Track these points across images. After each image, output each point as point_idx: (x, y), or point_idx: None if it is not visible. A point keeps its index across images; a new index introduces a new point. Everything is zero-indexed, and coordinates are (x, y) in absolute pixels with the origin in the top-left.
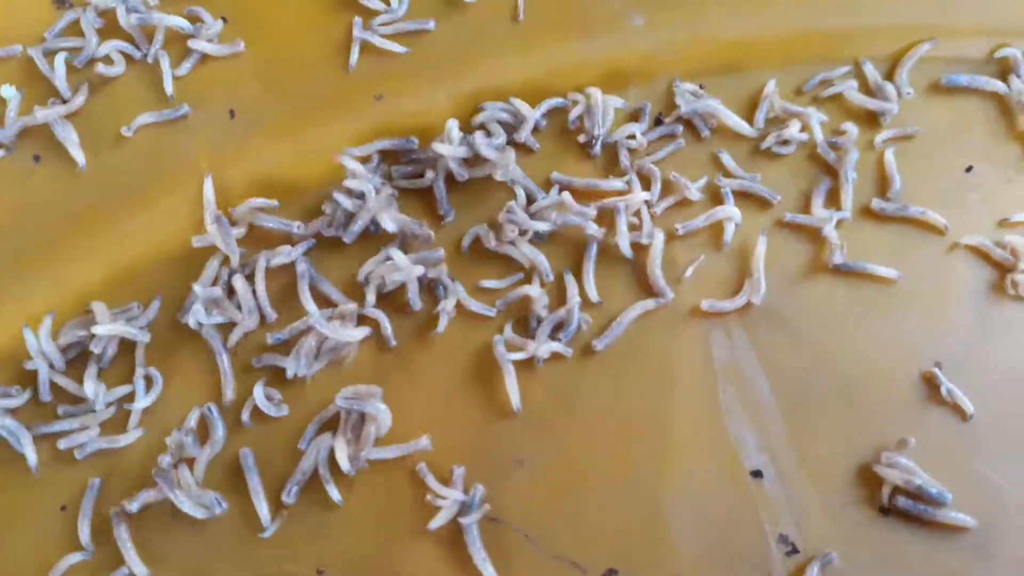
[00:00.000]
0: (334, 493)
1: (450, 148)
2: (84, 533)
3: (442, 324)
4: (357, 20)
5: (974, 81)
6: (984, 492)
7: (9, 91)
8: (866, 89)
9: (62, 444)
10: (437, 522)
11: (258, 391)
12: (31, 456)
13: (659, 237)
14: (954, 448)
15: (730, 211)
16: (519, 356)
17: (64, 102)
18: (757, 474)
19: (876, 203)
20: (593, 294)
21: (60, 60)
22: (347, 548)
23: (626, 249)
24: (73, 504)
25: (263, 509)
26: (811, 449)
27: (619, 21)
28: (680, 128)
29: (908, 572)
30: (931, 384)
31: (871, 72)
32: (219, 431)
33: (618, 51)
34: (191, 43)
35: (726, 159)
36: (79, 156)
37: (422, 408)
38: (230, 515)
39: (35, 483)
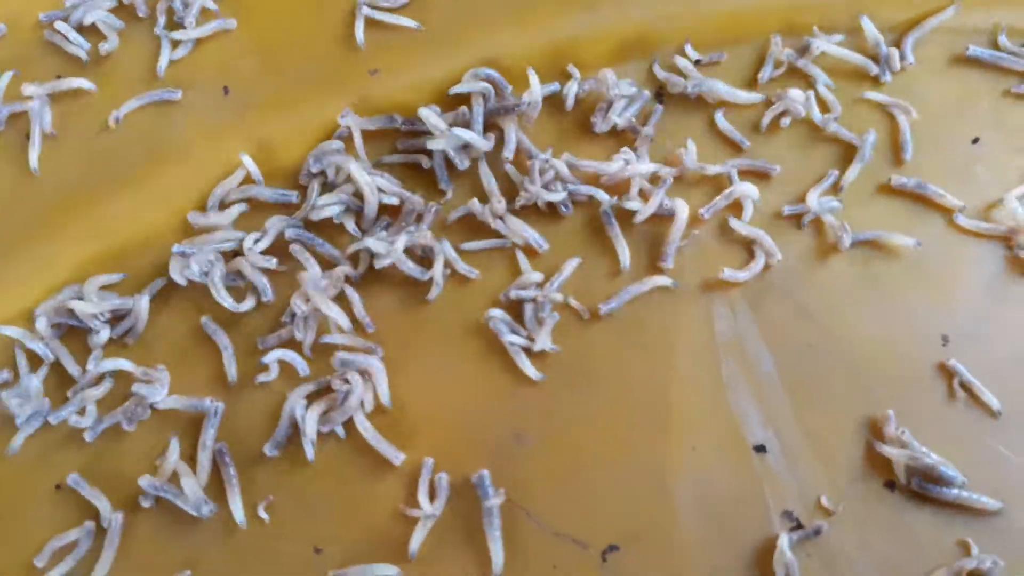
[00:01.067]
0: (310, 452)
1: (442, 142)
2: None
3: (433, 292)
4: None
5: (999, 59)
6: (993, 466)
7: None
8: (864, 51)
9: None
10: (415, 542)
11: (289, 355)
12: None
13: (683, 210)
14: (962, 422)
15: (747, 189)
16: (518, 340)
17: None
18: (761, 449)
19: (895, 179)
20: (626, 260)
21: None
22: (343, 527)
23: (644, 211)
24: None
25: (238, 509)
26: (816, 424)
27: None
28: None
29: (915, 546)
30: (943, 369)
31: (870, 31)
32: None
33: (618, 23)
34: (184, 32)
35: (722, 123)
36: (34, 155)
37: (418, 383)
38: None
39: (28, 462)
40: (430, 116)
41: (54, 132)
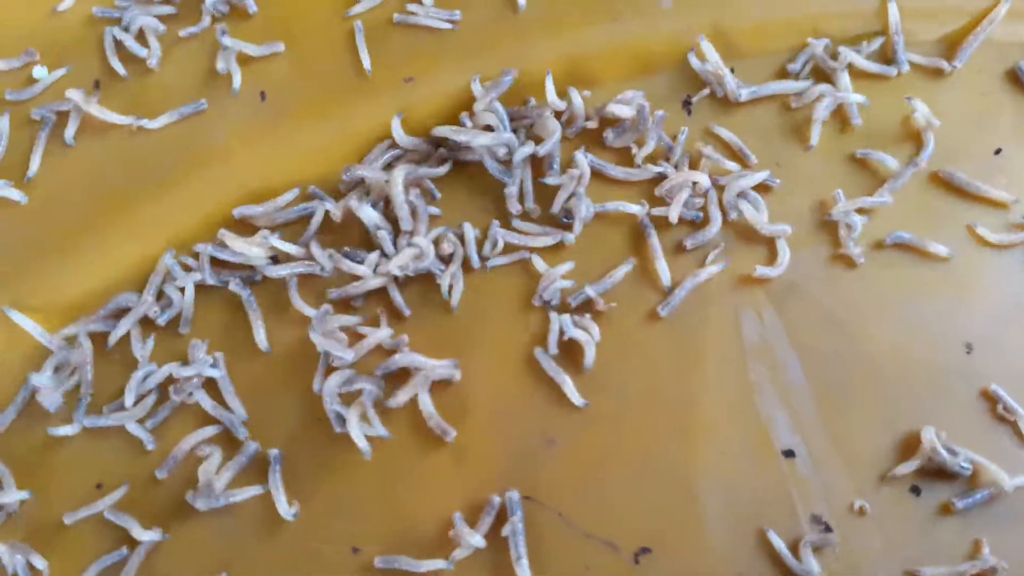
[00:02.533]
0: (363, 443)
1: (497, 169)
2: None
3: (455, 295)
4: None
5: None
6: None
7: (41, 72)
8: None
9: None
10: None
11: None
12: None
13: (717, 219)
14: (984, 423)
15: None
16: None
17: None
18: (789, 454)
19: (944, 171)
20: (666, 277)
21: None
22: (380, 527)
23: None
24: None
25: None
26: (843, 430)
27: (648, 4)
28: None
29: (941, 551)
30: (986, 395)
31: (898, 41)
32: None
33: (646, 34)
34: (226, 40)
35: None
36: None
37: (451, 387)
38: (263, 497)
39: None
40: (471, 135)
41: (72, 143)
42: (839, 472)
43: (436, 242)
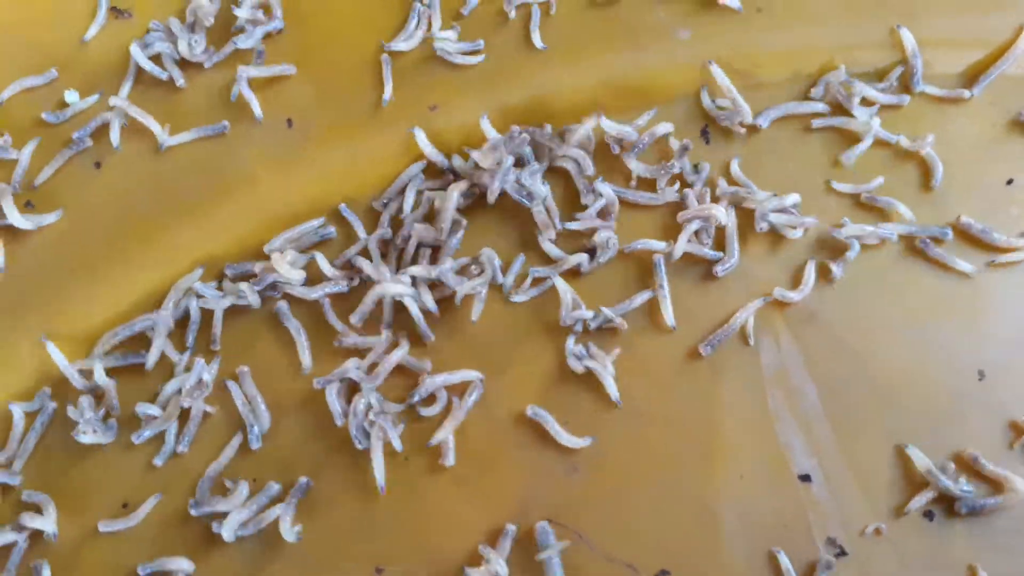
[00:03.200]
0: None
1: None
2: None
3: (476, 310)
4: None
5: None
6: None
7: (73, 96)
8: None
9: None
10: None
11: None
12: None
13: (735, 254)
14: (997, 449)
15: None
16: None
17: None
18: (806, 478)
19: (964, 220)
20: (670, 318)
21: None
22: (404, 547)
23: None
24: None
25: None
26: (858, 454)
27: (666, 34)
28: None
29: (958, 572)
30: (1015, 427)
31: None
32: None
33: (665, 64)
34: (240, 70)
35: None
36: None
37: (474, 410)
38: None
39: (102, 479)
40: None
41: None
42: (854, 496)
43: (461, 271)
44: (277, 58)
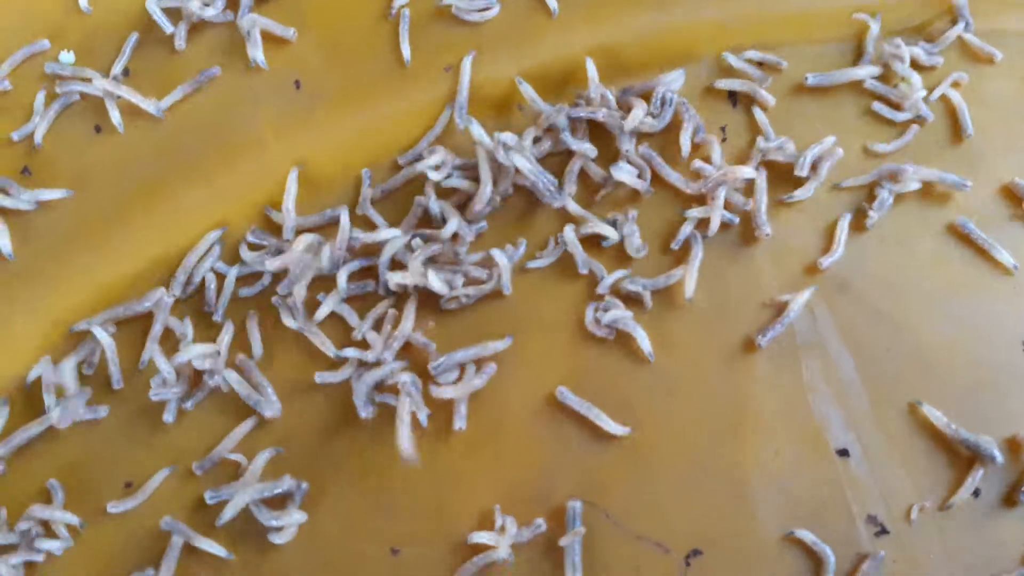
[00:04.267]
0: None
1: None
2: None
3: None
4: None
5: None
6: None
7: (68, 57)
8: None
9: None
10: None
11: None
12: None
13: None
14: None
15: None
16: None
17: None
18: (844, 453)
19: (1018, 180)
20: (690, 290)
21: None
22: (421, 528)
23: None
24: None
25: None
26: (898, 428)
27: None
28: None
29: (999, 552)
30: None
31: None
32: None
33: (689, 22)
34: (244, 20)
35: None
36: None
37: (497, 384)
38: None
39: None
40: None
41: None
42: (895, 472)
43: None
44: (283, 19)
